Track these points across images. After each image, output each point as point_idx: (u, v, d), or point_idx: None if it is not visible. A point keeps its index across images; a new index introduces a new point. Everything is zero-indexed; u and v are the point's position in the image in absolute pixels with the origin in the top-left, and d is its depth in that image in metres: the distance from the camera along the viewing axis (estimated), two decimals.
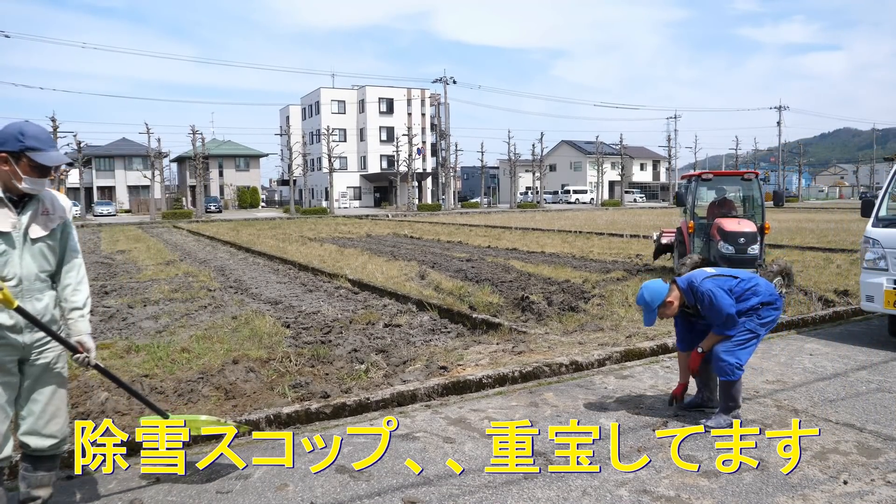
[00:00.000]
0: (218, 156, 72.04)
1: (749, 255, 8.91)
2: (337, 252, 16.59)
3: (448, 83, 58.47)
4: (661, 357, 6.09)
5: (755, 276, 4.53)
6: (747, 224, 9.21)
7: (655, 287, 4.37)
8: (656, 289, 4.35)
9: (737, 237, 9.01)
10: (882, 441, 4.03)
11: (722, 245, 9.09)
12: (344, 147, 68.81)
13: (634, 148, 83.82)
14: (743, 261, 8.77)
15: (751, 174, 9.90)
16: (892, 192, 6.95)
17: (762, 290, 4.36)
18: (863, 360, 5.92)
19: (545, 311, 8.14)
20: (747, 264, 8.72)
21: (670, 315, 4.42)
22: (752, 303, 4.28)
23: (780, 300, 4.43)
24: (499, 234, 23.71)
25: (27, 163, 2.78)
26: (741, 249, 8.94)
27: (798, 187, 77.85)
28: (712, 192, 10.48)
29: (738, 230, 9.04)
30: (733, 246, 8.97)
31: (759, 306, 4.30)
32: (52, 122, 43.14)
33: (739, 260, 8.78)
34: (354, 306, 8.99)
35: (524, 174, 78.89)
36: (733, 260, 8.79)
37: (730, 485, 3.46)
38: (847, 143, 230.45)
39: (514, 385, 5.24)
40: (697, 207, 10.25)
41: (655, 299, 4.30)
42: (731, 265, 8.44)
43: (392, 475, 3.61)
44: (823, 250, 14.86)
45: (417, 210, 54.15)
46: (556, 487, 3.45)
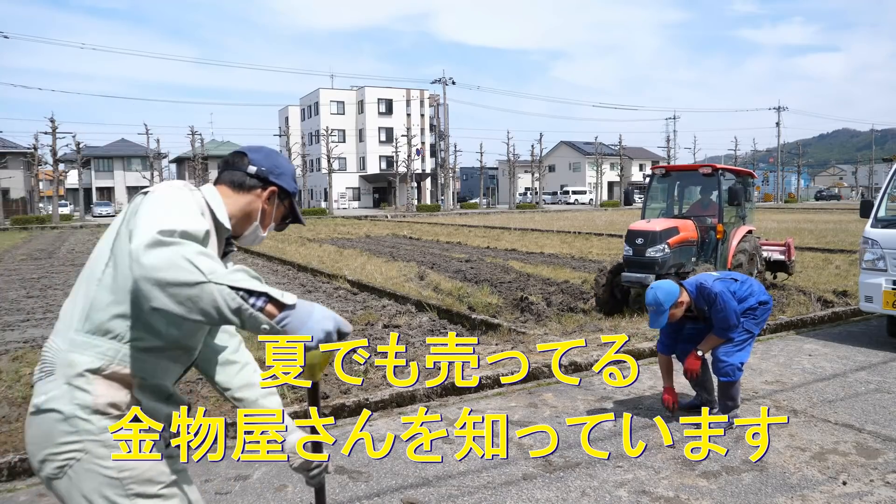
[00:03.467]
0: (217, 156, 71.82)
1: (647, 257, 7.76)
2: (336, 253, 16.58)
3: (447, 84, 58.50)
4: None
5: (748, 277, 4.56)
6: (660, 223, 8.11)
7: (668, 287, 4.21)
8: (669, 289, 4.19)
9: (634, 237, 7.97)
10: (881, 441, 4.03)
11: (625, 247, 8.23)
12: (343, 148, 68.81)
13: (633, 149, 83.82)
14: (641, 263, 7.79)
15: (707, 167, 8.68)
16: (891, 193, 6.96)
17: (756, 289, 4.42)
18: (862, 361, 5.92)
19: (544, 311, 8.14)
20: (646, 267, 7.77)
21: (677, 317, 4.28)
22: (750, 303, 4.33)
23: (771, 299, 4.48)
24: (498, 234, 23.71)
25: (286, 209, 1.98)
26: (638, 251, 7.89)
27: (797, 188, 77.97)
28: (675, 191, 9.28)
29: (638, 229, 8.03)
30: (631, 247, 7.98)
31: (757, 305, 4.34)
32: (51, 122, 43.11)
33: (636, 262, 7.85)
34: (353, 307, 8.98)
35: (523, 175, 78.89)
36: (630, 262, 7.95)
37: (729, 485, 3.46)
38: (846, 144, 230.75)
39: (513, 386, 5.24)
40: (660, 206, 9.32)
41: (669, 299, 4.15)
42: (629, 268, 7.91)
43: (391, 475, 3.61)
44: (822, 251, 14.88)
45: (416, 211, 54.14)
46: (555, 488, 3.45)
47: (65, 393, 1.61)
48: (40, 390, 1.65)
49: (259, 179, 1.87)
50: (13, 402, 4.75)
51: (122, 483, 1.63)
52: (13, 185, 49.49)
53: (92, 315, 1.64)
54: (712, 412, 4.42)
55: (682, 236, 8.06)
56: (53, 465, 1.62)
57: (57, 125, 43.38)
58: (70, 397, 1.61)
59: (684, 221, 8.34)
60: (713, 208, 8.65)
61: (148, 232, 1.45)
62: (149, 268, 1.41)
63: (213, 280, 1.41)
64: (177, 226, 1.49)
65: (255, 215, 1.89)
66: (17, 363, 5.84)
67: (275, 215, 1.95)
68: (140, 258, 1.42)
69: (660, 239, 7.82)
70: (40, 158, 44.29)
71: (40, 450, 1.64)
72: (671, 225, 8.08)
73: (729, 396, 4.34)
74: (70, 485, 1.62)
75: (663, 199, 9.49)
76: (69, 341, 1.65)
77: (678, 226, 8.12)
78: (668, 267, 7.84)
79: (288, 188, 1.93)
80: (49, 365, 1.66)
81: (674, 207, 9.18)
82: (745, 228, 8.83)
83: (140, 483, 1.65)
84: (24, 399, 4.78)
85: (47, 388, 1.64)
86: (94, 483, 1.61)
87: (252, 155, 1.89)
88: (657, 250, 7.77)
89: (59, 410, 1.61)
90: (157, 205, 1.59)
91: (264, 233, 1.95)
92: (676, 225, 8.13)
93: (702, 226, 8.46)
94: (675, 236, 7.96)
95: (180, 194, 1.67)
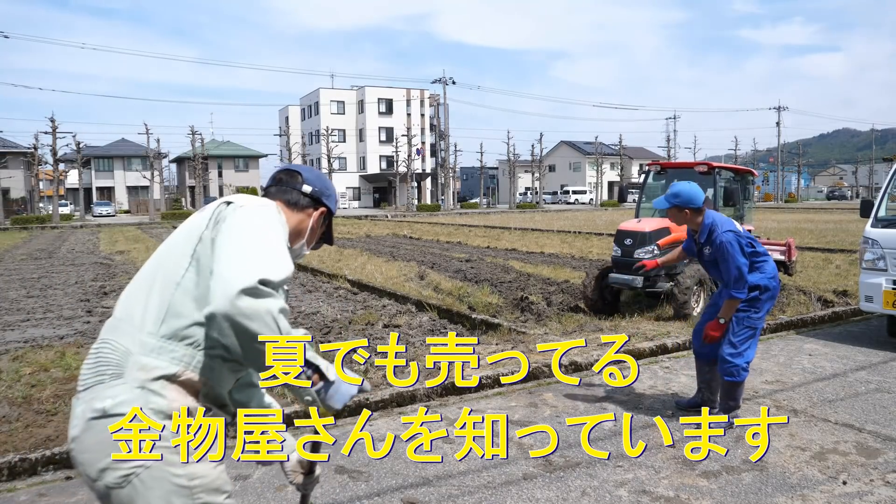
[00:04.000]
0: (217, 156, 72.01)
1: (635, 259, 7.58)
2: (336, 252, 16.58)
3: (447, 84, 58.51)
4: (661, 357, 6.09)
5: (768, 254, 4.42)
6: (651, 223, 7.91)
7: (695, 191, 4.22)
8: (693, 193, 4.21)
9: (623, 238, 7.84)
10: (881, 441, 4.03)
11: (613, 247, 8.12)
12: (343, 148, 68.82)
13: (633, 148, 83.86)
14: (629, 265, 7.52)
15: (703, 165, 8.44)
16: (891, 193, 6.96)
17: (769, 269, 4.30)
18: (862, 361, 5.92)
19: (544, 311, 8.14)
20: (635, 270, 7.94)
21: (676, 223, 4.34)
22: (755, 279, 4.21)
23: (778, 287, 4.37)
24: (498, 234, 23.71)
25: (325, 228, 2.04)
26: (627, 252, 7.76)
27: (797, 187, 77.94)
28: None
29: (627, 230, 7.84)
30: (620, 248, 7.89)
31: (758, 291, 4.23)
32: (51, 122, 43.11)
33: (625, 264, 7.68)
34: (353, 307, 8.98)
35: (523, 175, 78.88)
36: (618, 263, 7.84)
37: (729, 485, 3.46)
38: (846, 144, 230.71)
39: (513, 386, 5.24)
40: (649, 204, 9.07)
41: (684, 198, 4.18)
42: (618, 269, 7.81)
43: (391, 475, 3.61)
44: (822, 250, 14.87)
45: (417, 210, 54.13)
46: (555, 488, 3.45)
47: (138, 397, 1.56)
48: (105, 394, 1.58)
49: (312, 199, 1.93)
50: (13, 402, 4.75)
51: (192, 492, 1.58)
52: (13, 185, 49.49)
53: (169, 320, 1.62)
54: (712, 412, 4.42)
55: (673, 237, 7.78)
56: (118, 474, 1.54)
57: (57, 125, 43.38)
58: (144, 402, 1.56)
59: (655, 220, 8.08)
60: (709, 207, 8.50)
61: (250, 275, 1.48)
62: (238, 313, 1.45)
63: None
64: (276, 276, 1.52)
65: (304, 234, 1.93)
66: (17, 363, 5.84)
67: (317, 236, 2.00)
68: (234, 299, 1.45)
69: (649, 240, 7.67)
70: (40, 158, 44.30)
71: (103, 457, 1.55)
72: (662, 225, 7.85)
73: (731, 397, 4.32)
74: (134, 494, 1.55)
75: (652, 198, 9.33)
76: (140, 344, 1.61)
77: (670, 226, 7.87)
78: (657, 269, 7.71)
79: (333, 210, 2.00)
80: (115, 368, 1.60)
81: None
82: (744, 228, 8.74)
83: (208, 492, 1.61)
84: (25, 399, 4.78)
85: (115, 391, 1.57)
86: (162, 491, 1.55)
87: (306, 174, 1.95)
88: (646, 251, 7.61)
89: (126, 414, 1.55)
90: (256, 233, 1.62)
91: (307, 250, 1.99)
92: (668, 225, 7.87)
93: None
94: (667, 237, 7.72)
95: (274, 220, 1.72)
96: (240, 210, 1.69)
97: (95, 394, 1.60)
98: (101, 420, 1.56)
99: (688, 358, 6.08)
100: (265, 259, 1.55)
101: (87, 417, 1.58)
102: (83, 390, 1.63)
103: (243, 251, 1.55)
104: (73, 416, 1.65)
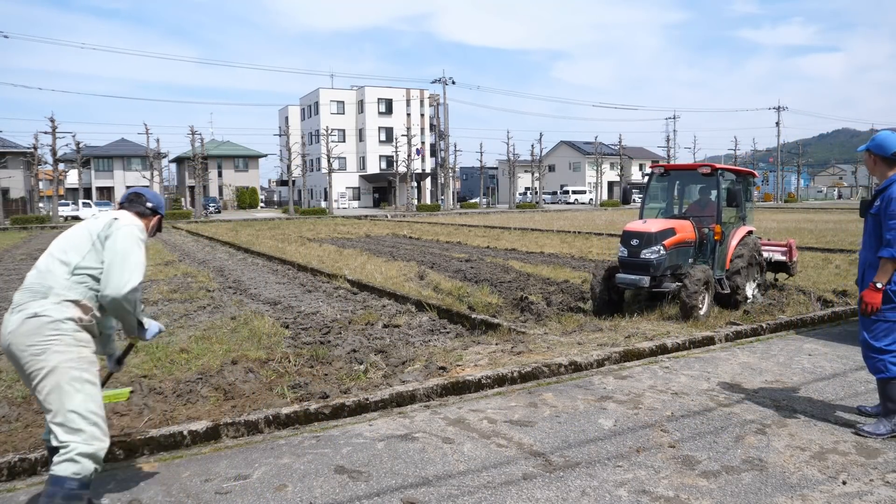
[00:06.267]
0: (217, 156, 72.03)
1: (642, 259, 7.63)
2: (336, 252, 16.58)
3: (447, 84, 58.53)
4: (660, 357, 6.09)
5: None
6: (656, 224, 7.94)
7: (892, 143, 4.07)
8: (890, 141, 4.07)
9: (630, 238, 7.82)
10: (881, 441, 4.03)
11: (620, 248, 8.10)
12: (343, 147, 68.83)
13: (633, 148, 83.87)
14: (636, 265, 7.69)
15: (707, 166, 8.37)
16: None
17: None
18: (861, 361, 5.90)
19: (544, 311, 8.14)
20: (641, 269, 7.68)
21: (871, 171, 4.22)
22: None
23: None
24: (498, 234, 23.71)
25: (157, 224, 3.64)
26: (633, 252, 7.74)
27: (797, 187, 77.95)
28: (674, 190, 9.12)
29: (634, 230, 7.83)
30: (626, 248, 7.86)
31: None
32: (51, 122, 43.10)
33: (631, 264, 7.74)
34: (353, 307, 8.99)
35: (523, 175, 78.95)
36: (625, 264, 7.84)
37: (729, 485, 3.46)
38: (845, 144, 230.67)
39: (513, 385, 5.24)
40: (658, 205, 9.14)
41: (885, 148, 4.06)
42: (624, 269, 7.83)
43: (391, 475, 3.61)
44: (822, 250, 14.88)
45: (416, 210, 54.14)
46: (555, 488, 3.45)
47: (56, 307, 2.99)
48: (36, 305, 2.97)
49: (151, 210, 3.58)
50: (13, 402, 4.75)
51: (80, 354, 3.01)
52: (13, 185, 49.48)
53: (77, 272, 3.07)
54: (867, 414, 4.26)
55: (678, 237, 7.92)
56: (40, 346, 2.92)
57: (57, 125, 43.42)
58: (60, 310, 2.99)
59: (682, 222, 8.18)
60: (712, 208, 8.51)
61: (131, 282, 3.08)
62: (122, 300, 3.09)
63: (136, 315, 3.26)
64: (140, 280, 3.14)
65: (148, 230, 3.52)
66: None
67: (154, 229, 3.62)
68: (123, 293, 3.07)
69: (655, 240, 7.68)
70: (40, 158, 44.28)
71: (33, 337, 2.92)
72: (668, 226, 7.92)
73: (888, 396, 4.02)
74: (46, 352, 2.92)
75: (662, 198, 9.36)
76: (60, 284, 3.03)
77: (675, 226, 7.97)
78: (663, 269, 7.74)
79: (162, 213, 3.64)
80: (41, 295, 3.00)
81: (673, 207, 9.07)
82: (745, 229, 8.71)
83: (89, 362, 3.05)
84: (24, 399, 4.78)
85: (42, 304, 2.98)
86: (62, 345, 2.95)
87: (148, 195, 3.59)
88: (652, 252, 7.63)
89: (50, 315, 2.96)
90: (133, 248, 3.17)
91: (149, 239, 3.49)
92: (673, 226, 7.96)
93: (700, 226, 8.31)
94: (672, 237, 7.81)
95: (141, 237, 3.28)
96: (123, 228, 3.19)
97: (29, 306, 2.98)
98: (33, 318, 2.94)
99: (688, 358, 6.08)
100: (137, 270, 3.13)
101: (23, 318, 2.94)
102: (18, 307, 3.00)
103: (126, 262, 3.09)
104: (9, 322, 2.97)
